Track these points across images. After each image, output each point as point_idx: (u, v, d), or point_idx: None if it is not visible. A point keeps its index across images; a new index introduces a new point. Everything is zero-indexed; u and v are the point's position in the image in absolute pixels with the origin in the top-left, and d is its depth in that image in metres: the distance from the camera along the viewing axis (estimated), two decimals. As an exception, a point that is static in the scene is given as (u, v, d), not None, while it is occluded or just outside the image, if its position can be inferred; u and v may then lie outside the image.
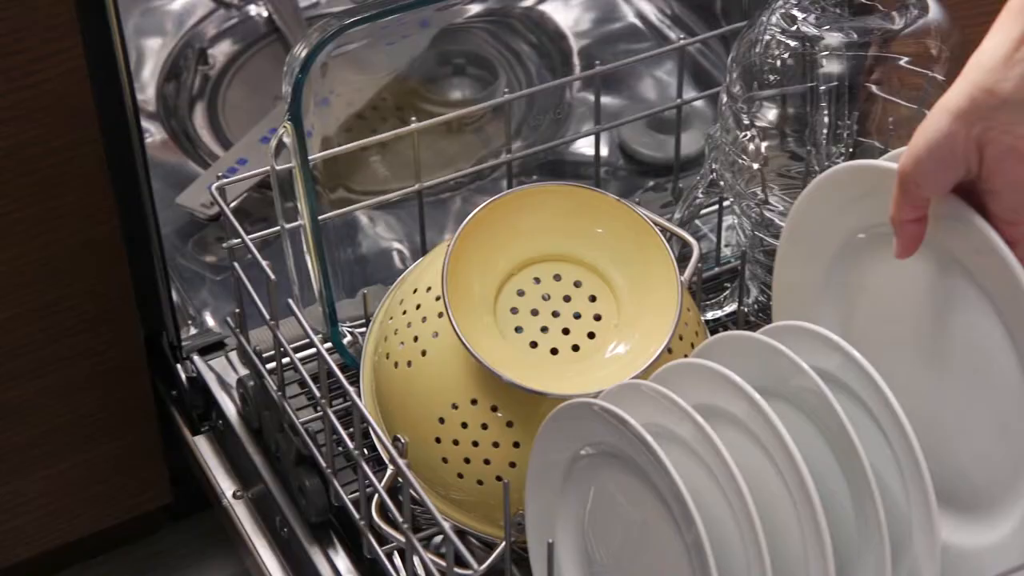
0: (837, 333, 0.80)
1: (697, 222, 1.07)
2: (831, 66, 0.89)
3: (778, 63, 0.89)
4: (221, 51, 1.21)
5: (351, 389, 0.82)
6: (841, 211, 0.78)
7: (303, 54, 0.87)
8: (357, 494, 0.85)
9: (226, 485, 1.00)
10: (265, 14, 1.22)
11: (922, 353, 0.77)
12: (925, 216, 0.70)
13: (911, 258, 0.73)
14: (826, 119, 0.90)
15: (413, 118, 0.95)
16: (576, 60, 1.19)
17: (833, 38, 0.88)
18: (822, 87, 0.89)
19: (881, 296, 0.79)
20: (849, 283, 0.80)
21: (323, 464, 0.89)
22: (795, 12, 0.88)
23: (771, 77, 0.90)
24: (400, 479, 0.80)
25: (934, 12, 0.87)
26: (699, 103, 1.11)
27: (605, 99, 1.18)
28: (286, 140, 0.89)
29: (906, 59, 0.88)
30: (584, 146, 1.15)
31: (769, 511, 0.71)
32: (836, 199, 0.78)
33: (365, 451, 0.91)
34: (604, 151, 1.17)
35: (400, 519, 0.81)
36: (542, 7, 1.20)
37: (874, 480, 0.70)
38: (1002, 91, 0.64)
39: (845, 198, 0.77)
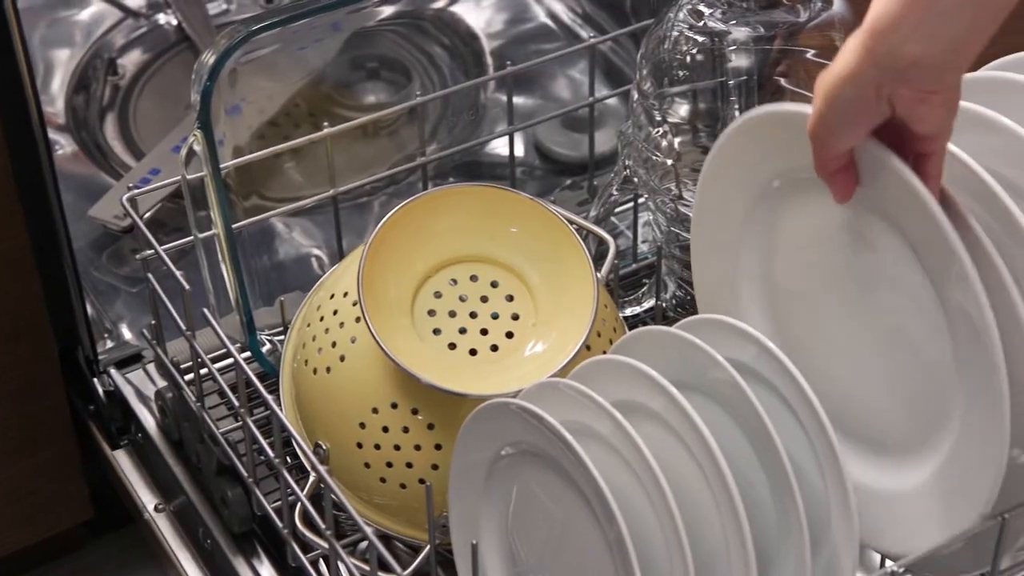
0: (758, 284, 0.81)
1: (614, 219, 1.07)
2: (739, 60, 0.90)
3: (687, 59, 0.90)
4: (131, 61, 1.19)
5: (269, 398, 0.81)
6: (755, 159, 0.77)
7: (211, 61, 0.86)
8: (280, 503, 0.85)
9: (147, 499, 0.99)
10: (175, 22, 1.21)
11: (844, 299, 0.77)
12: (850, 163, 0.70)
13: (829, 204, 0.73)
14: (736, 113, 0.91)
15: (326, 123, 0.94)
16: (489, 61, 1.19)
17: (740, 33, 0.89)
18: (731, 81, 0.90)
19: (800, 243, 0.78)
20: (766, 237, 0.80)
21: (244, 474, 0.88)
22: (702, 8, 0.89)
23: (681, 73, 0.90)
24: (323, 486, 0.79)
25: (837, 5, 0.88)
26: (612, 101, 1.12)
27: (519, 100, 1.18)
28: (197, 149, 0.88)
29: (812, 52, 0.89)
30: (500, 147, 1.15)
31: (689, 504, 0.71)
32: (749, 148, 0.77)
33: (288, 459, 0.90)
34: (520, 151, 1.17)
35: (323, 526, 0.80)
36: (454, 8, 1.20)
37: (791, 469, 0.71)
38: (908, 51, 0.64)
39: (758, 146, 0.77)
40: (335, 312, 0.86)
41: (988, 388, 0.69)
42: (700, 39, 0.89)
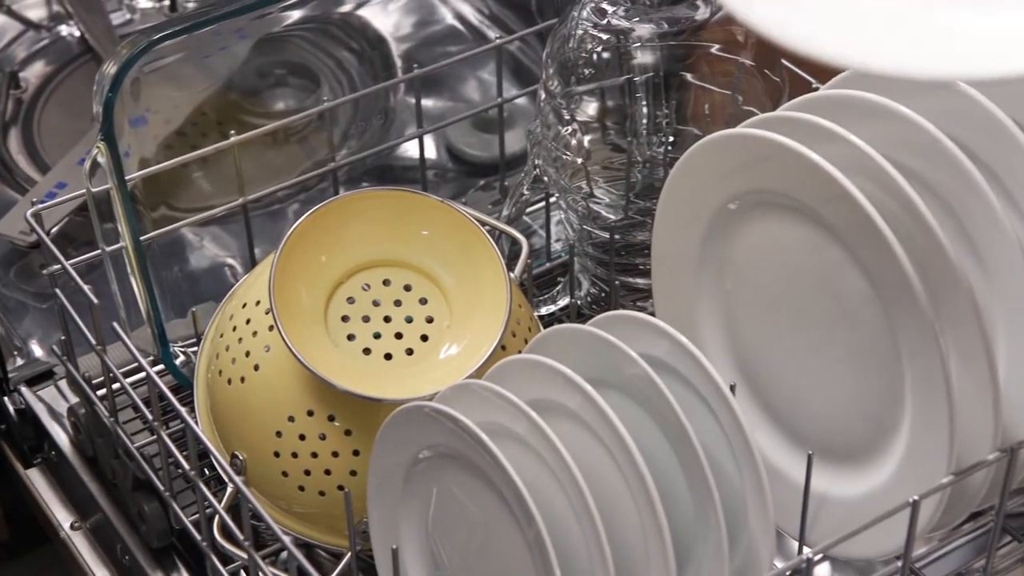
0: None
1: (527, 218, 1.08)
2: (644, 57, 0.90)
3: (593, 57, 0.90)
4: (33, 73, 1.18)
5: (182, 410, 0.80)
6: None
7: (112, 71, 0.85)
8: (198, 515, 0.84)
9: (63, 517, 0.97)
10: (77, 34, 1.19)
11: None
12: None
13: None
14: (644, 110, 0.92)
15: (232, 131, 0.94)
16: (398, 64, 1.19)
17: (644, 29, 0.89)
18: (637, 79, 0.91)
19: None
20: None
21: (161, 488, 0.87)
22: (605, 6, 0.90)
23: (587, 71, 0.91)
24: (241, 497, 0.79)
25: (739, 0, 0.89)
26: (523, 101, 1.12)
27: (430, 102, 1.18)
28: (101, 161, 0.87)
29: (716, 47, 0.90)
30: (412, 150, 1.15)
31: (608, 502, 0.71)
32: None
33: (206, 471, 0.90)
34: (433, 154, 1.17)
35: (242, 537, 0.80)
36: (361, 12, 1.20)
37: (707, 463, 0.71)
38: None
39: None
40: (248, 321, 0.85)
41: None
42: (604, 37, 0.90)
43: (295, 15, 1.13)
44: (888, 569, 0.76)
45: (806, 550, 0.75)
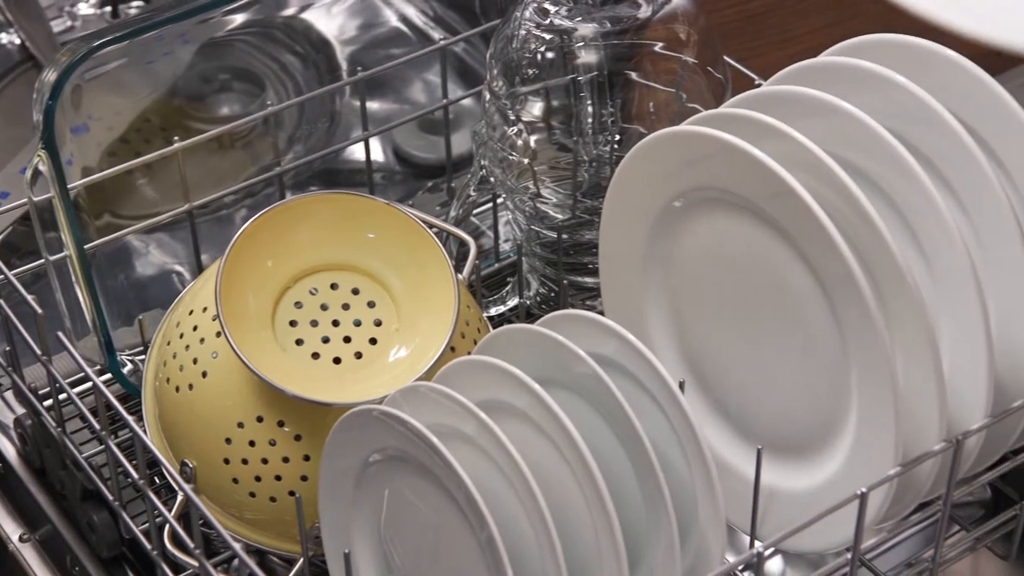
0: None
1: (475, 219, 1.08)
2: (588, 57, 0.90)
3: (537, 57, 0.90)
4: (-27, 82, 1.17)
5: (130, 419, 0.80)
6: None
7: (52, 79, 0.84)
8: (148, 525, 0.84)
9: (11, 529, 0.96)
10: (18, 41, 1.18)
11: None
12: None
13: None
14: (590, 109, 0.92)
15: (176, 138, 0.93)
16: (344, 67, 1.18)
17: (586, 29, 0.89)
18: (582, 78, 0.91)
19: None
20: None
21: (110, 498, 0.87)
22: (547, 6, 0.90)
23: (531, 71, 0.91)
24: (191, 505, 0.78)
25: (680, -2, 0.90)
26: (469, 102, 1.12)
27: (377, 105, 1.17)
28: (43, 169, 0.86)
29: (659, 45, 0.90)
30: (359, 153, 1.15)
31: (559, 501, 0.72)
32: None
33: (156, 480, 0.89)
34: (380, 157, 1.16)
35: (192, 545, 0.79)
36: (305, 16, 1.19)
37: (656, 459, 0.72)
38: None
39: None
40: (195, 328, 0.85)
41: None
42: (548, 37, 0.90)
43: (238, 19, 1.13)
44: (838, 561, 0.76)
45: (757, 544, 0.75)
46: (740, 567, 0.72)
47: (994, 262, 0.77)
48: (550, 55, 0.90)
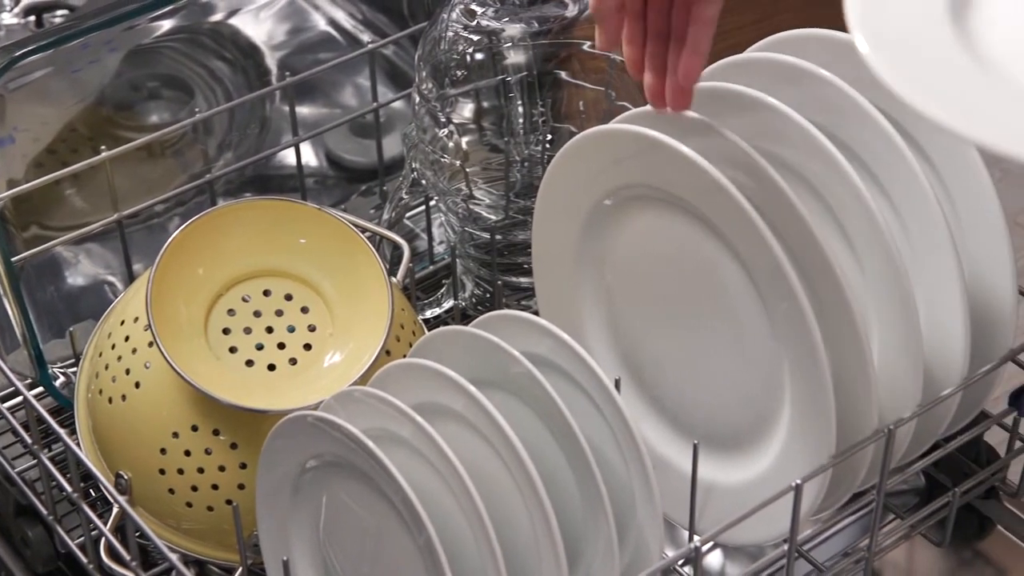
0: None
1: (409, 222, 1.08)
2: (516, 57, 0.90)
3: (465, 59, 0.90)
4: None
5: (62, 431, 0.79)
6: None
7: (-26, 90, 0.83)
8: (84, 538, 0.83)
9: (-56, 547, 0.95)
10: (-59, 52, 1.16)
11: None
12: (624, 7, 0.72)
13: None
14: (520, 109, 0.92)
15: (103, 147, 0.92)
16: (274, 72, 1.18)
17: (514, 29, 0.89)
18: (511, 78, 0.91)
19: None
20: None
21: (44, 512, 0.86)
22: (474, 7, 0.90)
23: (459, 73, 0.91)
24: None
25: (606, -4, 0.90)
26: (400, 104, 1.11)
27: (308, 110, 1.17)
28: (-33, 181, 0.85)
29: (587, 44, 0.90)
30: (293, 159, 1.14)
31: (497, 502, 0.72)
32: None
33: (91, 492, 0.88)
34: (313, 162, 1.16)
35: (128, 558, 0.79)
36: (232, 21, 1.18)
37: (593, 458, 0.72)
38: None
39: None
40: (127, 338, 0.84)
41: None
42: (475, 38, 0.90)
43: (165, 25, 1.12)
44: (776, 553, 0.77)
45: (696, 538, 0.75)
46: (679, 562, 0.72)
47: (921, 253, 0.77)
48: (479, 56, 0.90)
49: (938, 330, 0.77)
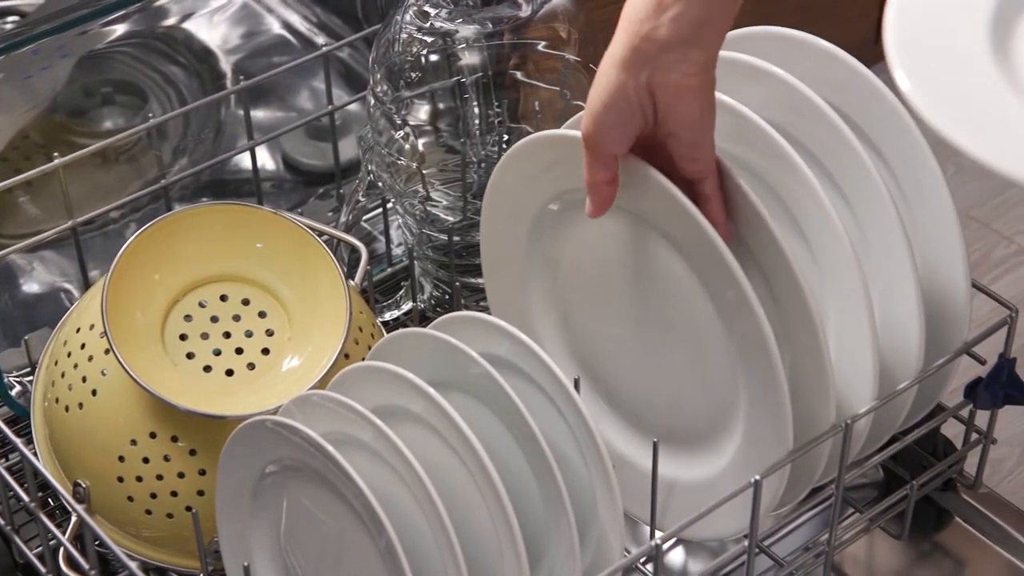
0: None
1: (367, 225, 1.07)
2: (471, 58, 0.90)
3: (420, 60, 0.90)
4: None
5: (18, 441, 0.79)
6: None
7: (-76, 98, 0.83)
8: (42, 548, 0.82)
9: (-99, 561, 0.94)
10: None
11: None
12: (616, 176, 0.73)
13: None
14: (476, 110, 0.92)
15: (56, 154, 0.91)
16: (228, 76, 1.17)
17: (467, 30, 0.89)
18: (466, 79, 0.91)
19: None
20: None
21: (1, 522, 0.85)
22: (427, 8, 0.89)
23: (414, 75, 0.91)
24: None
25: (560, -4, 0.90)
26: (356, 107, 1.11)
27: (264, 113, 1.16)
28: (-82, 190, 0.84)
29: (541, 44, 0.90)
30: (248, 162, 1.14)
31: (458, 504, 0.71)
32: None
33: (50, 501, 0.87)
34: (271, 165, 1.15)
35: (87, 567, 0.78)
36: (186, 25, 1.18)
37: (552, 458, 0.72)
38: (659, 37, 0.68)
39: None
40: (83, 346, 0.84)
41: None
42: (429, 40, 0.90)
43: (118, 30, 1.11)
44: (736, 549, 0.77)
45: (658, 534, 0.76)
46: (641, 560, 0.73)
47: (876, 249, 0.78)
48: (433, 58, 0.90)
49: (893, 324, 0.78)
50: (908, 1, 0.58)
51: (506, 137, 0.93)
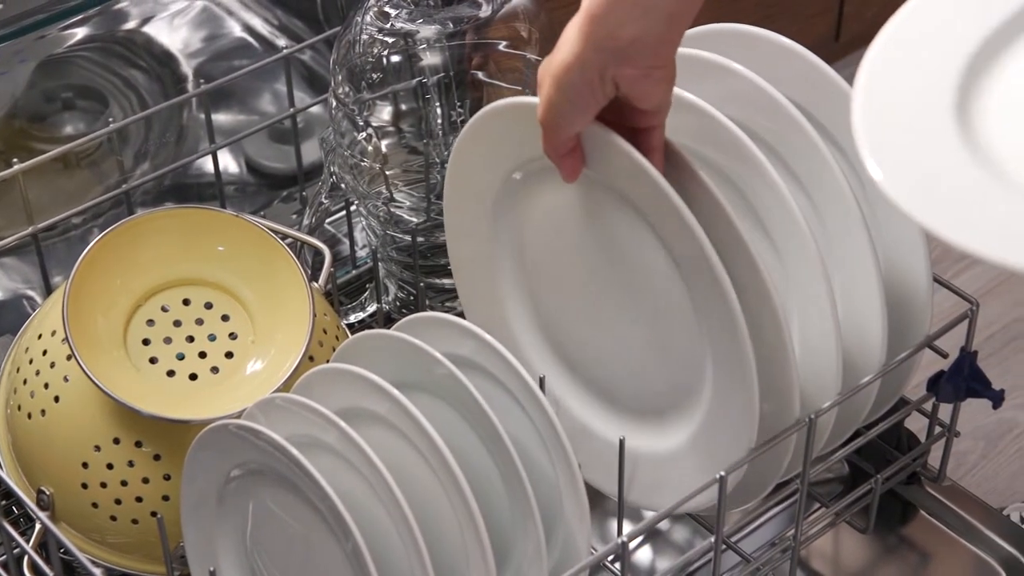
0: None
1: (331, 227, 1.07)
2: (432, 58, 0.90)
3: (381, 61, 0.90)
4: None
5: (-21, 449, 0.78)
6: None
7: None
8: (6, 556, 0.82)
9: None
10: None
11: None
12: (577, 145, 0.73)
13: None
14: (438, 110, 0.92)
15: (16, 160, 0.91)
16: (190, 80, 1.17)
17: (428, 31, 0.89)
18: (428, 80, 0.91)
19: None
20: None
21: (-35, 531, 0.84)
22: (388, 9, 0.89)
23: (375, 76, 0.90)
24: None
25: (520, -4, 0.90)
26: (318, 109, 1.11)
27: (225, 117, 1.16)
28: None
29: (502, 44, 0.90)
30: (211, 166, 1.13)
31: (425, 505, 0.71)
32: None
33: (14, 509, 0.87)
34: (233, 169, 1.15)
35: (52, 575, 0.78)
36: (147, 29, 1.17)
37: (517, 457, 0.72)
38: (623, 35, 0.67)
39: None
40: (44, 352, 0.83)
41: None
42: (390, 40, 0.89)
43: (78, 34, 1.11)
44: (703, 545, 0.77)
45: (625, 531, 0.76)
46: (609, 557, 0.73)
47: (838, 243, 0.78)
48: (395, 58, 0.90)
49: (856, 319, 0.78)
50: (873, 85, 0.58)
51: (469, 137, 0.93)
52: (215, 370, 0.83)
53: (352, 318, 1.00)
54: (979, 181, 0.55)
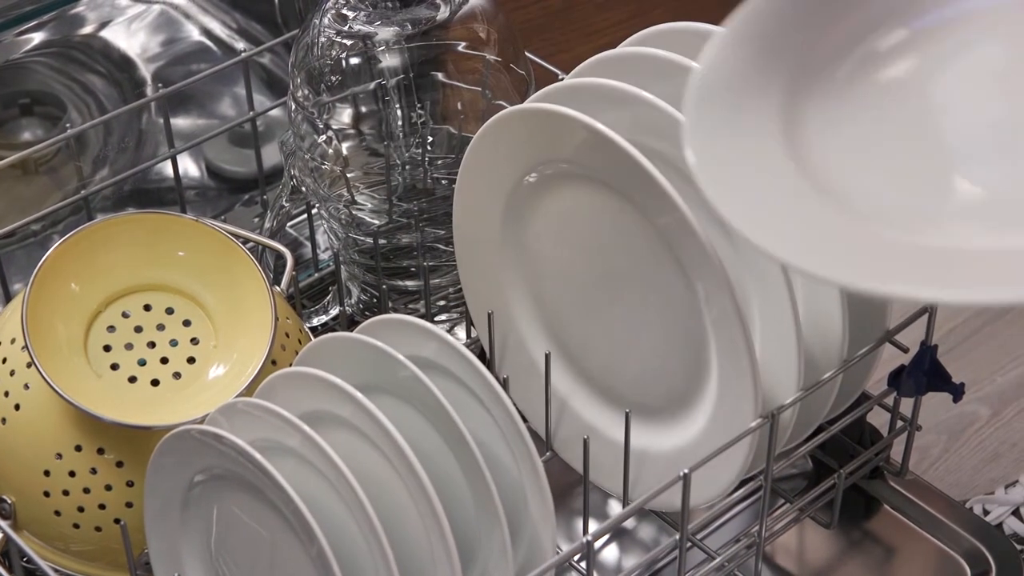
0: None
1: (294, 230, 1.07)
2: (391, 60, 0.90)
3: (340, 64, 0.90)
4: None
5: (-61, 459, 0.77)
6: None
7: None
8: (-32, 567, 0.81)
9: None
10: None
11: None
12: None
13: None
14: (398, 112, 0.92)
15: (-29, 166, 0.90)
16: (149, 84, 1.16)
17: (386, 32, 0.89)
18: (387, 82, 0.91)
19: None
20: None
21: (-75, 542, 0.84)
22: (345, 11, 0.89)
23: (334, 78, 0.90)
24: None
25: (478, -3, 0.90)
26: (279, 112, 1.11)
27: (185, 121, 1.15)
28: None
29: (461, 45, 0.90)
30: (171, 171, 1.13)
31: (389, 508, 0.71)
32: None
33: (-25, 520, 0.86)
34: (194, 173, 1.15)
35: (15, 584, 0.77)
36: (104, 34, 1.17)
37: (481, 458, 0.72)
38: None
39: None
40: (4, 360, 0.83)
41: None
42: (349, 43, 0.89)
43: (34, 39, 1.10)
44: (668, 543, 0.78)
45: (591, 530, 0.76)
46: (575, 556, 0.73)
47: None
48: (353, 61, 0.90)
49: (816, 314, 0.79)
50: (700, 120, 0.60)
51: (430, 138, 0.93)
52: (177, 375, 0.82)
53: (315, 321, 0.99)
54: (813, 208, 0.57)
